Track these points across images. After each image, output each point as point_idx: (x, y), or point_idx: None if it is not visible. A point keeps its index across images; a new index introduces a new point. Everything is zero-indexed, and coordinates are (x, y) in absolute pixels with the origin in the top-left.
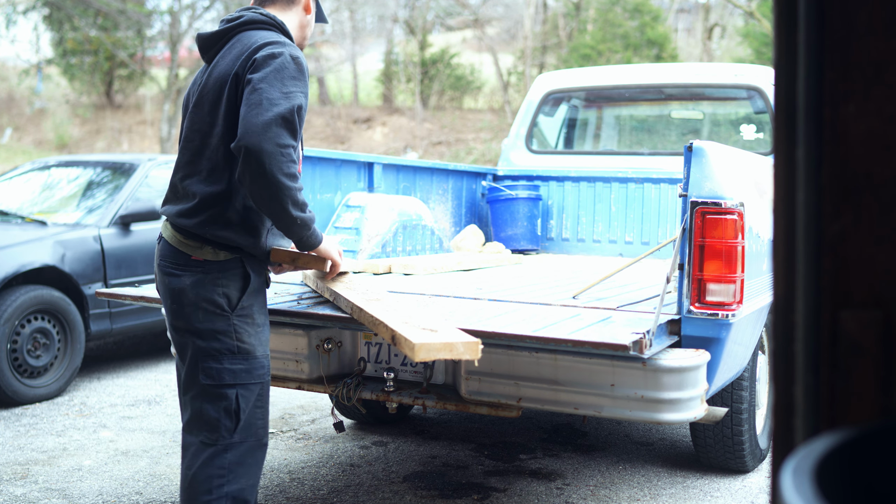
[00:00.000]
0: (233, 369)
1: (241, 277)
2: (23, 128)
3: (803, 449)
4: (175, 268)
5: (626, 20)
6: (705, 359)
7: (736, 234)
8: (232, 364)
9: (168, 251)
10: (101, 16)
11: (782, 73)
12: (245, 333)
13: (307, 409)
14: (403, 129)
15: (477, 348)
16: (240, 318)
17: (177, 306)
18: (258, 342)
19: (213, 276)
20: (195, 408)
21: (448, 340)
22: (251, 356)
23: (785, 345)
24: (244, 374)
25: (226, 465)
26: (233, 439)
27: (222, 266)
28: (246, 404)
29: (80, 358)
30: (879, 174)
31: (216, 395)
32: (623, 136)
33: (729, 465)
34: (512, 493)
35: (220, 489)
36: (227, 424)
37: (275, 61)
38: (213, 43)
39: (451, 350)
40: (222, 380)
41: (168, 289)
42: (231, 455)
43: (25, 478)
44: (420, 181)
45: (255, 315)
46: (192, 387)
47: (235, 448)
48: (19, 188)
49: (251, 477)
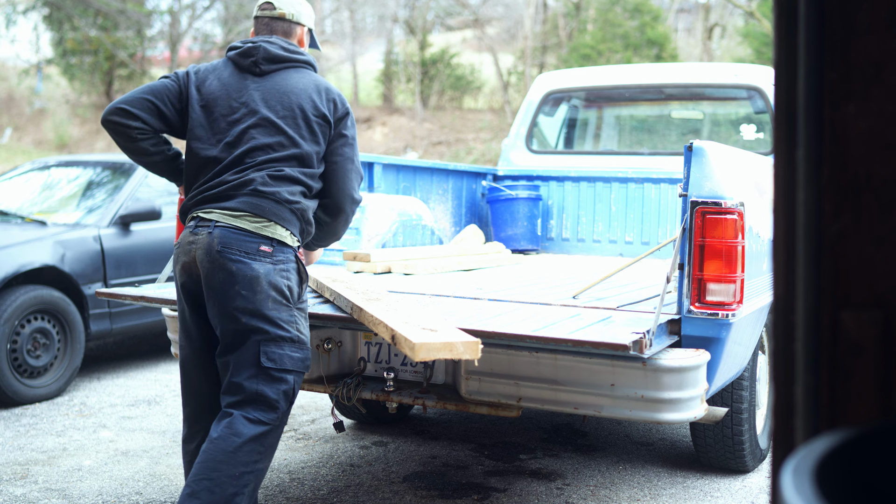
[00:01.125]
0: (293, 356)
1: (297, 272)
2: (23, 128)
3: (803, 449)
4: (244, 255)
5: (626, 20)
6: (705, 359)
7: (736, 234)
8: (292, 352)
9: (233, 239)
10: (101, 16)
11: (782, 73)
12: (302, 325)
13: (307, 409)
14: (403, 129)
15: (477, 348)
16: (299, 309)
17: (248, 292)
18: (309, 335)
19: (280, 266)
20: (252, 389)
21: (448, 340)
22: (306, 347)
23: (785, 345)
24: (300, 362)
25: (267, 444)
26: (276, 421)
27: (286, 258)
28: (295, 388)
29: (79, 358)
30: (879, 174)
31: (278, 378)
32: (623, 136)
33: (729, 465)
34: (512, 493)
35: (256, 464)
36: (283, 407)
37: (349, 117)
38: (276, 61)
39: (451, 350)
40: (284, 365)
41: (237, 275)
42: (273, 436)
43: (25, 478)
44: (420, 181)
45: (306, 309)
46: (248, 368)
47: (278, 430)
48: (19, 188)
49: (271, 457)
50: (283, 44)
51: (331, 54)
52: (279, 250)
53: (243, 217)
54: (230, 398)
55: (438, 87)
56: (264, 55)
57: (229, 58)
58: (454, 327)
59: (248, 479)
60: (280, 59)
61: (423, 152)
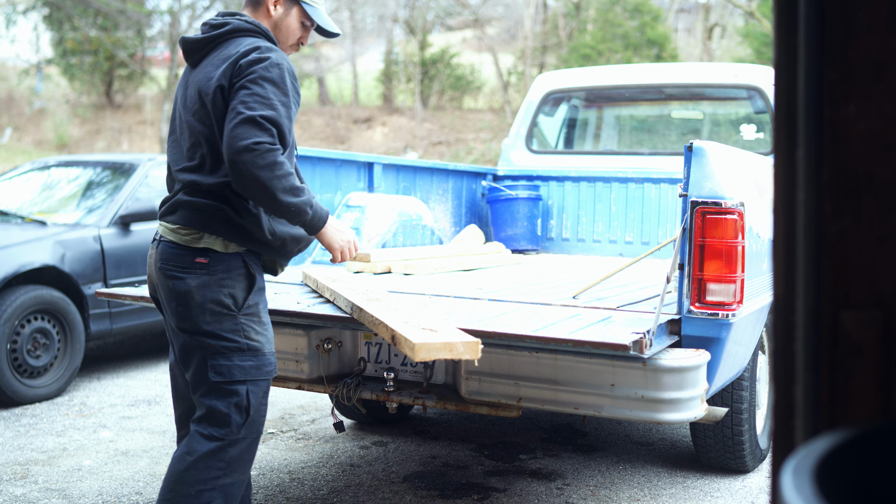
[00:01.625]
0: (243, 366)
1: (245, 277)
2: (23, 128)
3: (803, 449)
4: (180, 270)
5: (626, 20)
6: (705, 359)
7: (736, 234)
8: (242, 361)
9: (170, 254)
10: (101, 16)
11: (782, 73)
12: (253, 331)
13: (307, 409)
14: (403, 129)
15: (477, 348)
16: (247, 316)
17: (183, 309)
18: (265, 339)
19: (217, 276)
20: (206, 405)
21: (448, 340)
22: (260, 353)
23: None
24: (254, 370)
25: (226, 460)
26: (241, 435)
27: (227, 266)
28: (255, 400)
29: (79, 358)
30: (879, 174)
31: (227, 391)
32: (623, 136)
33: (729, 465)
34: (512, 493)
35: (217, 481)
36: (237, 420)
37: (256, 67)
38: (198, 48)
39: (451, 350)
40: (233, 377)
41: (172, 292)
42: (234, 450)
43: (25, 478)
44: (420, 181)
45: (261, 313)
46: (202, 385)
47: (239, 444)
48: (19, 188)
49: (244, 472)
50: (215, 22)
51: (331, 54)
52: (217, 259)
53: (178, 230)
54: (195, 415)
55: (438, 87)
56: (184, 45)
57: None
58: (454, 327)
59: (211, 496)
60: (202, 44)
61: (423, 152)
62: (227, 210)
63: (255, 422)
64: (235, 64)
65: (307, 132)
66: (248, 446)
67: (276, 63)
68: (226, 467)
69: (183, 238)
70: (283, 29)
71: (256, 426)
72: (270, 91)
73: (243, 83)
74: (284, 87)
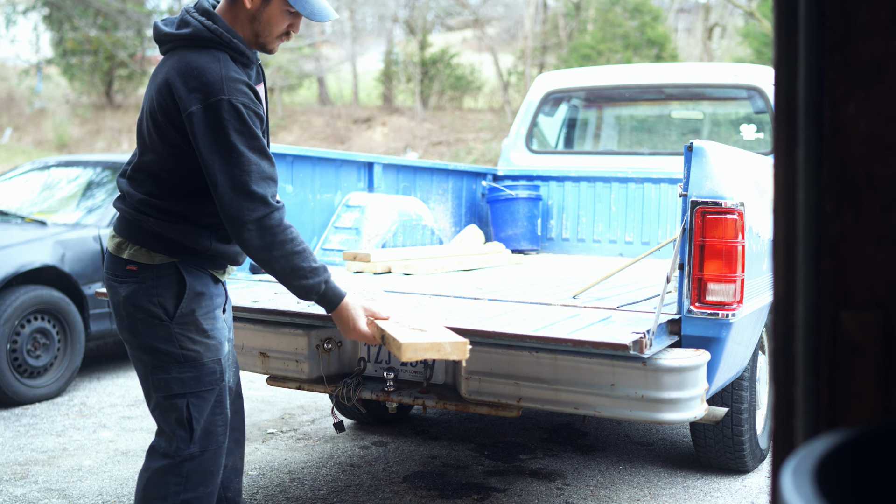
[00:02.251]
0: (181, 378)
1: (176, 283)
2: (23, 128)
3: (803, 449)
4: (115, 279)
5: (626, 20)
6: (705, 359)
7: (736, 234)
8: (180, 373)
9: (109, 262)
10: (100, 16)
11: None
12: (188, 341)
13: (307, 409)
14: (403, 129)
15: (465, 348)
16: (181, 325)
17: (119, 318)
18: (205, 349)
19: (146, 285)
20: (156, 419)
21: (436, 340)
22: (198, 363)
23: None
24: (193, 382)
25: (183, 475)
26: (191, 450)
27: (156, 274)
28: (200, 413)
29: (79, 358)
30: (879, 174)
31: (168, 406)
32: (623, 136)
33: (729, 465)
34: (512, 493)
35: (176, 496)
36: (182, 435)
37: (206, 127)
38: (161, 42)
39: (438, 350)
40: (171, 390)
41: (110, 301)
42: (190, 465)
43: (25, 478)
44: (420, 181)
45: (201, 321)
46: (150, 399)
47: (196, 458)
48: (19, 188)
49: (209, 484)
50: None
51: (331, 54)
52: (145, 268)
53: (112, 237)
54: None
55: (438, 87)
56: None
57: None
58: (444, 327)
59: None
60: (164, 38)
61: (423, 152)
62: (153, 222)
63: (210, 433)
64: (179, 103)
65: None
66: (208, 458)
67: (212, 111)
68: (184, 482)
69: (113, 246)
70: (262, 21)
71: (213, 437)
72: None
73: (207, 145)
74: (243, 124)
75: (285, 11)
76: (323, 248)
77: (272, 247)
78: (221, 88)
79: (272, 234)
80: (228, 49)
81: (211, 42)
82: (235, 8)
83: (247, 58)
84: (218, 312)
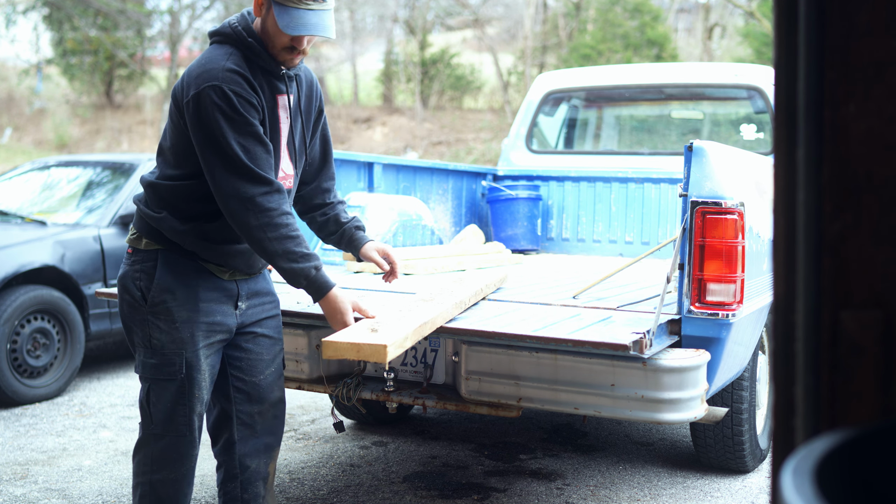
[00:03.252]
0: (145, 363)
1: (154, 270)
2: (23, 128)
3: (803, 449)
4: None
5: (626, 20)
6: (705, 359)
7: (736, 234)
8: (146, 358)
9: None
10: (101, 16)
11: (782, 73)
12: (156, 329)
13: (307, 409)
14: (403, 129)
15: (384, 352)
16: (153, 313)
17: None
18: (169, 339)
19: (135, 268)
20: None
21: (355, 341)
22: (159, 353)
23: (785, 345)
24: (152, 369)
25: (151, 455)
26: (154, 430)
27: (143, 258)
28: (158, 399)
29: (79, 358)
30: (880, 174)
31: (140, 384)
32: (623, 136)
33: (729, 466)
34: (512, 493)
35: (146, 475)
36: (144, 415)
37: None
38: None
39: (357, 351)
40: (138, 371)
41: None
42: (157, 446)
43: (25, 478)
44: (420, 181)
45: (175, 311)
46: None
47: (159, 440)
48: (19, 188)
49: (174, 470)
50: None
51: (331, 54)
52: (136, 252)
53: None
54: None
55: (438, 87)
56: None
57: None
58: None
59: (143, 489)
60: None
61: (423, 152)
62: (143, 208)
63: (171, 421)
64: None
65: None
66: (169, 444)
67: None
68: (152, 462)
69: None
70: (268, 31)
71: (175, 426)
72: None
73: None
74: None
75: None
76: (323, 248)
77: (267, 227)
78: (217, 76)
79: (268, 216)
80: (243, 47)
81: (229, 38)
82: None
83: (263, 59)
84: (206, 306)
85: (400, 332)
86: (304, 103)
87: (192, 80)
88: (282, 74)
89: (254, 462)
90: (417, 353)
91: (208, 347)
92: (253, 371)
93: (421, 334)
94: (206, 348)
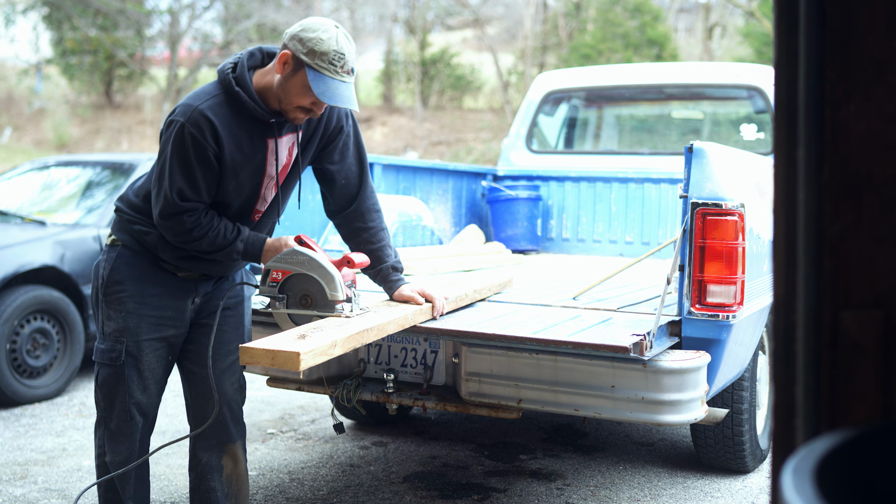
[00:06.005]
0: (97, 347)
1: (112, 262)
2: (22, 127)
3: (804, 449)
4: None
5: (627, 20)
6: (706, 360)
7: (736, 236)
8: (98, 343)
9: None
10: (100, 15)
11: (782, 73)
12: (106, 315)
13: (307, 409)
14: (403, 129)
15: (297, 360)
16: (106, 302)
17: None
18: (118, 327)
19: (102, 259)
20: None
21: (270, 348)
22: (106, 339)
23: (785, 345)
24: (100, 353)
25: (101, 436)
26: (102, 413)
27: (108, 249)
28: (104, 383)
29: (79, 358)
30: (880, 174)
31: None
32: (623, 136)
33: (729, 466)
34: (512, 494)
35: (102, 457)
36: (95, 396)
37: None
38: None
39: (272, 358)
40: (93, 353)
41: None
42: (105, 428)
43: (25, 478)
44: (420, 181)
45: (125, 301)
46: None
47: (107, 423)
48: (19, 188)
49: (121, 452)
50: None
51: None
52: (108, 246)
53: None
54: None
55: (438, 86)
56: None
57: None
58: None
59: (100, 469)
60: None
61: (423, 152)
62: (122, 209)
63: (112, 406)
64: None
65: None
66: (114, 427)
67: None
68: (103, 444)
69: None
70: (287, 88)
71: (116, 411)
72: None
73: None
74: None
75: (307, 87)
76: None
77: (189, 234)
78: (187, 113)
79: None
80: (227, 95)
81: (221, 82)
82: (273, 69)
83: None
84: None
85: (327, 339)
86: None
87: (178, 106)
88: (271, 122)
89: (205, 455)
90: (417, 354)
91: (158, 340)
92: (201, 363)
93: (360, 341)
94: (155, 341)
